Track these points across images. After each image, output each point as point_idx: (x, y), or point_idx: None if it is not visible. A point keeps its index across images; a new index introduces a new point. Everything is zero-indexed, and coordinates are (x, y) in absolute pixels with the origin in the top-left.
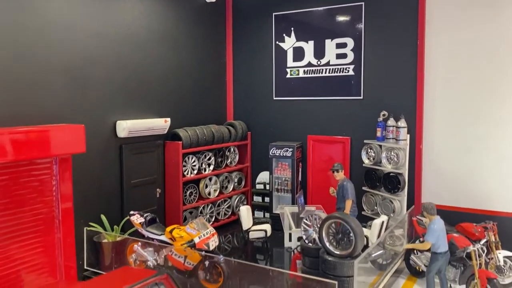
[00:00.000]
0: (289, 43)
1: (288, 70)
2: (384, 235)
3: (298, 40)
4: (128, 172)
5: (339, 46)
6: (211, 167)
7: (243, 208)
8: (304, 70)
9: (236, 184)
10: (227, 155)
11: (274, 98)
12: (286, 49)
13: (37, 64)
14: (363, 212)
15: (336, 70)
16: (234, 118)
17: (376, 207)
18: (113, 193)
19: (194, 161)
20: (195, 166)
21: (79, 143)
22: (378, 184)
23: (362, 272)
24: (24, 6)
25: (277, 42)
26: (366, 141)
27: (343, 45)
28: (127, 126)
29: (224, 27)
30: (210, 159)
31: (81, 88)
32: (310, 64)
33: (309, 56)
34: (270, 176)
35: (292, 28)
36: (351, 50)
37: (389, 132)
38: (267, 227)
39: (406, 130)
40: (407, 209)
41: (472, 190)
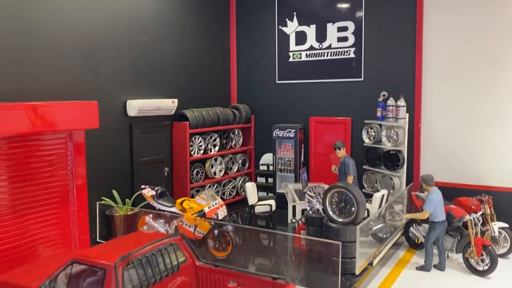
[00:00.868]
0: (291, 27)
1: (290, 54)
2: (385, 206)
3: (300, 24)
4: (138, 151)
5: (340, 29)
6: (217, 148)
7: (249, 184)
8: (306, 54)
9: (240, 165)
10: (231, 137)
11: (277, 82)
12: (288, 33)
13: (52, 44)
14: (364, 189)
15: (337, 53)
16: (238, 102)
17: (376, 185)
18: (123, 170)
19: (200, 141)
20: (201, 146)
21: (92, 119)
22: (378, 162)
23: (363, 245)
24: None
25: (279, 27)
26: (366, 121)
27: (344, 28)
28: (137, 105)
29: (228, 13)
30: (215, 140)
31: (93, 67)
32: (312, 48)
33: (311, 39)
34: (274, 157)
35: (294, 13)
36: (352, 33)
37: (389, 111)
38: (272, 202)
39: (405, 109)
40: (406, 185)
41: (468, 167)
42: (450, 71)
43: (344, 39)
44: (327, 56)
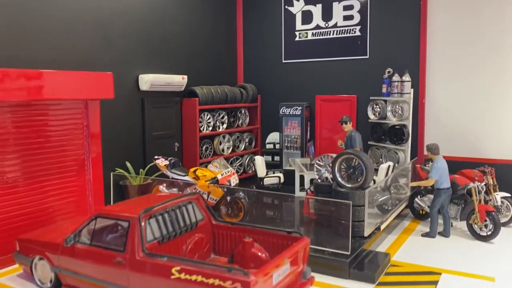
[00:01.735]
0: (297, 7)
1: (297, 33)
2: (391, 175)
3: (306, 3)
4: (149, 125)
5: (346, 8)
6: (225, 126)
7: (258, 157)
8: (312, 33)
9: (247, 144)
10: (238, 116)
11: (284, 61)
12: (295, 13)
13: (69, 19)
14: None
15: (343, 32)
16: (244, 82)
17: (381, 159)
18: (136, 143)
19: (209, 118)
20: (210, 123)
21: (108, 89)
22: (383, 137)
23: (369, 216)
24: None
25: (286, 7)
26: (372, 97)
27: (350, 7)
28: (149, 80)
29: None
30: (223, 117)
31: (107, 41)
32: (318, 27)
33: (317, 19)
34: (280, 135)
35: None
36: (358, 11)
37: (394, 87)
38: (280, 175)
39: (410, 84)
40: (411, 160)
41: (471, 141)
42: (453, 47)
43: (350, 17)
44: (333, 34)
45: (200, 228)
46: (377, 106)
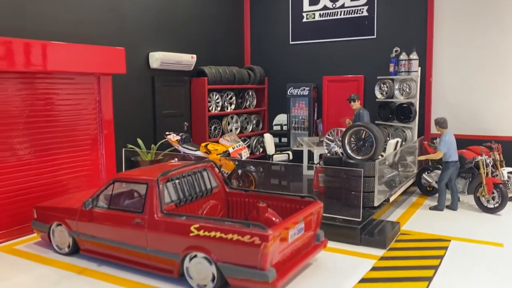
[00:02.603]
0: None
1: (304, 15)
2: (399, 150)
3: None
4: (159, 103)
5: None
6: (233, 106)
7: (267, 135)
8: (320, 14)
9: (254, 125)
10: (246, 98)
11: (291, 43)
12: None
13: None
14: None
15: (350, 12)
16: (251, 63)
17: (388, 138)
18: (147, 121)
19: (218, 98)
20: (218, 103)
21: (120, 64)
22: (390, 116)
23: (377, 191)
24: None
25: None
26: (379, 77)
27: None
28: (159, 57)
29: None
30: (231, 98)
31: (118, 18)
32: (325, 8)
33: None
34: (288, 116)
35: None
36: None
37: (401, 66)
38: (289, 152)
39: (417, 62)
40: (418, 138)
41: (477, 119)
42: (461, 25)
43: None
44: (340, 15)
45: (215, 195)
46: (384, 86)
